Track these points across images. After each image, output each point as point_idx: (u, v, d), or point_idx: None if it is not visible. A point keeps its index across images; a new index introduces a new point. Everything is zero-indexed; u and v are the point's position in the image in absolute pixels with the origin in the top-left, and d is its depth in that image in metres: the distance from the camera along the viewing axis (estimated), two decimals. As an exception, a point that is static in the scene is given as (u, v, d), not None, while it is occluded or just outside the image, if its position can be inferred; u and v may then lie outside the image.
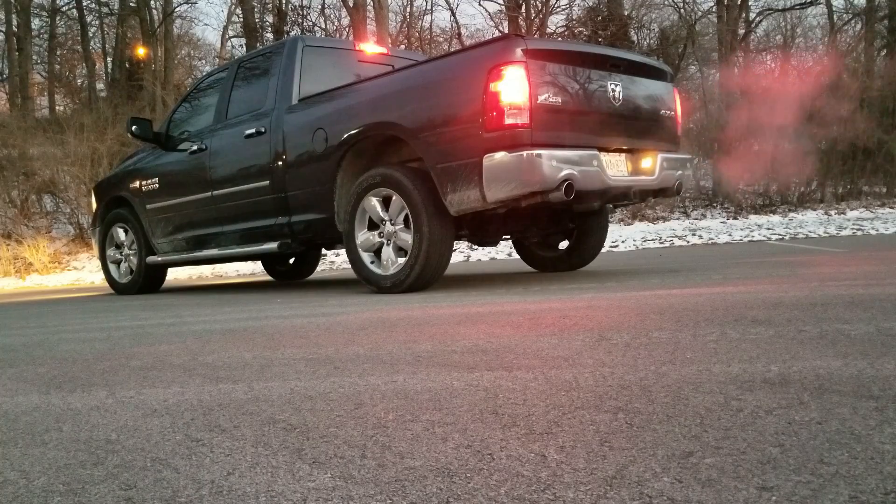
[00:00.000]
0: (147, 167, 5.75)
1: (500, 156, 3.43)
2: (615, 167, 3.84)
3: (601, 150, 3.75)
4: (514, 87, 3.41)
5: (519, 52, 3.46)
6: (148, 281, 5.98)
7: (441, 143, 3.67)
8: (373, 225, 4.09)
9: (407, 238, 3.84)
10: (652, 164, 4.07)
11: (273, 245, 4.64)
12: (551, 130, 3.53)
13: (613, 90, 3.88)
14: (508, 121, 3.41)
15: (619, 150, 3.91)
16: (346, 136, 4.14)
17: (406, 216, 3.86)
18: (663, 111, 4.28)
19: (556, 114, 3.57)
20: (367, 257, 4.09)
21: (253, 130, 4.72)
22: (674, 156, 4.25)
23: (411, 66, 4.25)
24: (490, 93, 3.44)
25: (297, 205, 4.50)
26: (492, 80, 3.44)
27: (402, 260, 3.90)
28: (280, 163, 4.53)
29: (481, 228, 4.40)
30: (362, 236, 4.09)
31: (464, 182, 3.57)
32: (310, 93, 4.57)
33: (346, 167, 4.23)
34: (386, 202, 3.99)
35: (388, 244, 4.00)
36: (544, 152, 3.41)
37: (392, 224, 3.97)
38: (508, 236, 5.01)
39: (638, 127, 4.02)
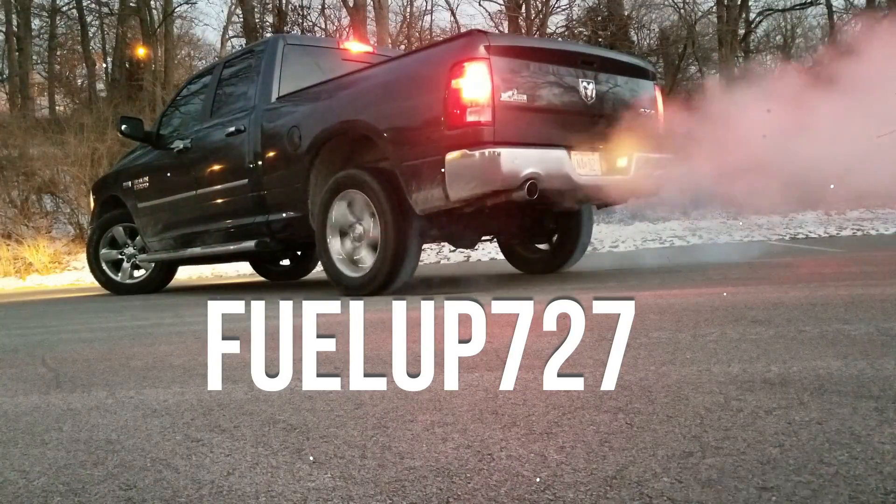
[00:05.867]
0: (138, 166, 5.79)
1: (461, 154, 3.39)
2: (587, 166, 3.78)
3: (571, 148, 3.69)
4: (475, 84, 3.36)
5: (482, 48, 3.41)
6: (162, 279, 6.03)
7: (406, 140, 3.65)
8: (343, 229, 4.07)
9: (376, 235, 3.81)
10: (627, 164, 3.98)
11: (250, 244, 4.65)
12: (516, 128, 3.47)
13: (585, 88, 3.81)
14: (470, 118, 3.36)
15: (593, 149, 3.84)
16: (316, 134, 4.13)
17: (372, 215, 3.84)
18: (643, 109, 4.18)
19: (522, 112, 3.52)
20: (340, 263, 4.06)
21: (233, 129, 4.74)
22: (652, 155, 4.14)
23: (379, 63, 4.23)
24: (451, 90, 3.39)
25: (274, 203, 4.50)
26: (453, 76, 3.40)
27: (371, 261, 3.87)
28: (258, 161, 4.53)
29: (455, 228, 4.32)
30: (335, 246, 4.07)
31: (427, 180, 3.53)
32: (289, 91, 4.58)
33: (319, 165, 4.21)
34: (351, 206, 3.99)
35: (360, 247, 3.99)
36: (504, 151, 3.36)
37: (360, 225, 3.97)
38: (488, 238, 4.98)
39: (613, 126, 3.92)
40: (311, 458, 1.11)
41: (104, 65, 22.83)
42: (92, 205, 6.45)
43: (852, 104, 3.42)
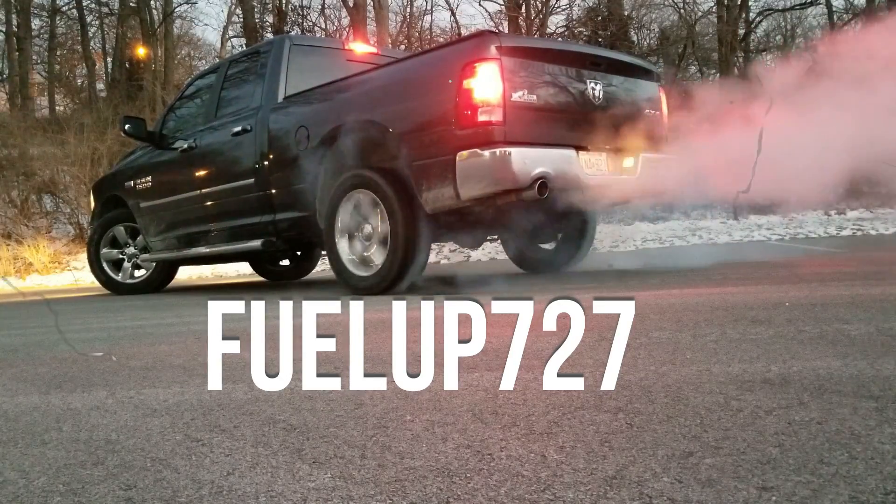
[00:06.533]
0: (141, 166, 5.79)
1: (472, 153, 3.41)
2: (594, 166, 3.80)
3: (580, 148, 3.71)
4: (486, 85, 3.38)
5: (493, 48, 3.43)
6: (162, 279, 6.05)
7: (417, 140, 3.66)
8: (351, 229, 4.09)
9: (385, 235, 3.83)
10: (634, 164, 4.01)
11: (257, 243, 4.65)
12: (526, 128, 3.50)
13: (593, 89, 3.84)
14: (481, 118, 3.38)
15: (600, 150, 3.86)
16: (325, 134, 4.13)
17: (381, 215, 3.85)
18: (648, 111, 4.22)
19: (532, 112, 3.54)
20: (349, 262, 4.08)
21: (239, 128, 4.74)
22: (657, 156, 4.17)
23: (389, 63, 4.24)
24: (463, 90, 3.41)
25: (281, 203, 4.51)
26: (465, 77, 3.42)
27: (380, 260, 3.89)
28: (265, 161, 4.54)
29: (463, 228, 4.34)
30: (343, 245, 4.09)
31: (438, 180, 3.55)
32: (295, 91, 4.59)
33: (328, 165, 4.22)
34: (360, 206, 4.00)
35: (368, 246, 4.00)
36: (515, 150, 3.38)
37: (369, 224, 3.98)
38: (493, 237, 4.97)
39: (620, 126, 3.94)
40: (311, 458, 1.11)
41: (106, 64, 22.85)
42: (92, 204, 6.45)
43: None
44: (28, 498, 1.02)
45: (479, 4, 30.53)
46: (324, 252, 9.02)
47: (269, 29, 20.15)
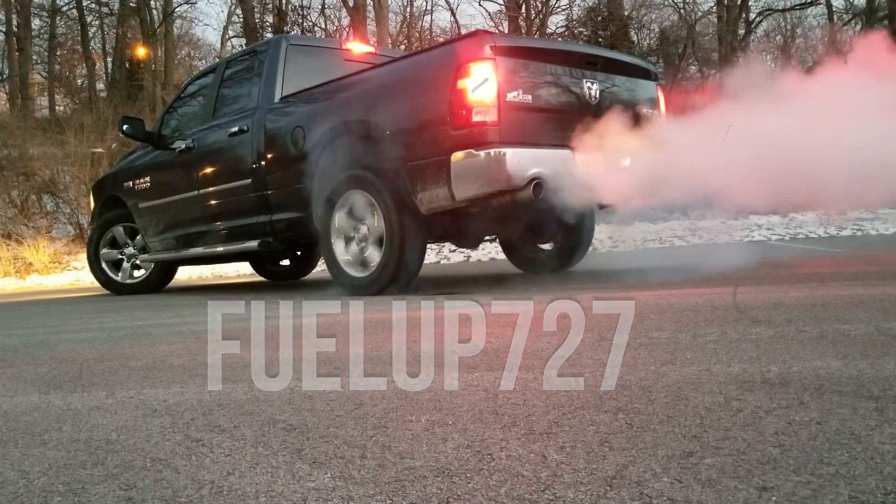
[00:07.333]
0: (140, 166, 5.79)
1: (466, 154, 3.40)
2: (591, 166, 3.79)
3: (575, 148, 3.70)
4: (481, 85, 3.38)
5: (487, 48, 3.42)
6: (162, 279, 6.06)
7: (411, 140, 3.66)
8: (347, 229, 4.09)
9: (381, 235, 3.83)
10: (631, 164, 3.98)
11: (253, 243, 4.66)
12: (521, 129, 3.49)
13: (589, 88, 3.83)
14: (476, 118, 3.38)
15: (597, 150, 3.83)
16: (321, 134, 4.13)
17: (377, 215, 3.86)
18: (646, 110, 4.21)
19: (527, 112, 3.53)
20: (344, 263, 4.08)
21: (236, 129, 4.74)
22: (655, 156, 4.15)
23: (384, 63, 4.25)
24: (457, 90, 3.41)
25: (278, 203, 4.51)
26: (459, 77, 3.41)
27: (376, 261, 3.89)
28: (262, 161, 4.54)
29: (459, 229, 4.31)
30: (339, 246, 4.09)
31: (433, 180, 3.55)
32: (292, 92, 4.59)
33: (323, 165, 4.22)
34: (355, 207, 4.00)
35: (364, 247, 4.01)
36: (510, 151, 3.37)
37: (364, 225, 3.98)
38: (491, 238, 4.97)
39: (617, 126, 3.90)
40: (311, 458, 1.11)
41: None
42: (92, 205, 6.45)
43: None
44: (28, 498, 1.02)
45: (479, 4, 30.54)
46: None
47: (269, 29, 20.17)
